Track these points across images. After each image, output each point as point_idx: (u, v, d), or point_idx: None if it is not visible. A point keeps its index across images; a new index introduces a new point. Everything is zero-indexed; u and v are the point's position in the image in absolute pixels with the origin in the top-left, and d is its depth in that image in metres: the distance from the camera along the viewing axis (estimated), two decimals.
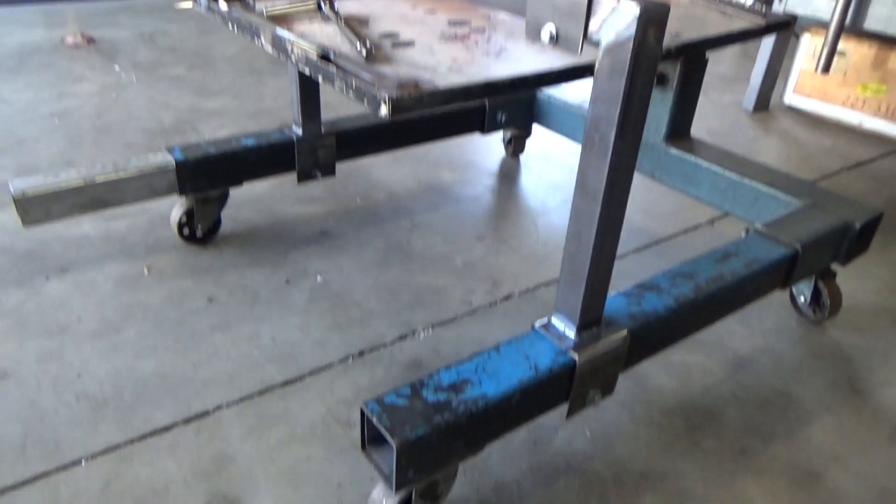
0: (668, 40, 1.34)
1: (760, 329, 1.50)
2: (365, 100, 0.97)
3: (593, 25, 0.89)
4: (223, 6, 1.34)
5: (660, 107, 1.71)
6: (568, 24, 0.90)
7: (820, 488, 1.13)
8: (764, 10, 1.53)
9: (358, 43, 1.17)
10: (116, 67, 2.88)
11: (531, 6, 0.94)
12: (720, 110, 2.83)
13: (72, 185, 1.47)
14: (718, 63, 3.45)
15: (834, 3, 2.32)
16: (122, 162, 1.55)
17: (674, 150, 1.71)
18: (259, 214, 1.85)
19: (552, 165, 2.23)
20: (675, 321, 1.15)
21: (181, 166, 1.56)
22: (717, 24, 1.49)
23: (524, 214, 1.94)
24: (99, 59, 2.98)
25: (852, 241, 1.42)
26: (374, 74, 1.05)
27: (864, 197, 2.16)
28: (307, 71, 1.12)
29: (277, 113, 2.51)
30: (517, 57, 1.21)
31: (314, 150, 1.73)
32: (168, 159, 1.56)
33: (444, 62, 1.16)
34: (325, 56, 1.11)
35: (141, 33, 3.36)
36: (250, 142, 1.67)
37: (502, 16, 1.44)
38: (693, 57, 1.61)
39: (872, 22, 2.34)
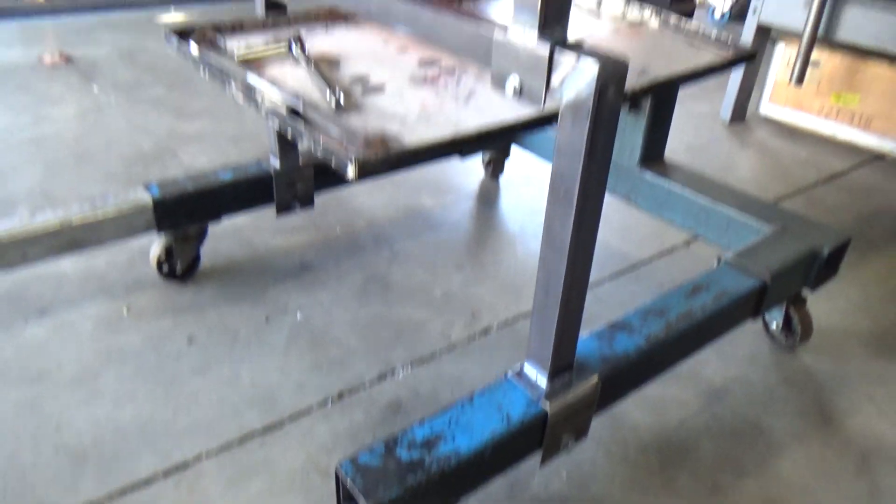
0: (635, 78, 1.35)
1: (734, 357, 1.52)
2: (333, 160, 0.99)
3: (555, 81, 0.90)
4: (194, 50, 1.34)
5: (633, 131, 1.72)
6: (531, 79, 0.91)
7: None
8: (730, 39, 1.54)
9: (328, 91, 1.18)
10: (95, 88, 2.87)
11: (496, 59, 0.95)
12: (697, 121, 2.85)
13: (48, 228, 1.47)
14: None
15: (807, 14, 2.34)
16: (100, 201, 1.54)
17: (648, 175, 1.73)
18: (239, 247, 1.86)
19: (531, 187, 2.25)
20: (646, 362, 1.17)
21: (158, 204, 1.57)
22: (684, 57, 1.51)
23: (503, 240, 1.95)
24: (77, 79, 2.96)
25: (821, 267, 1.45)
26: (342, 130, 1.07)
27: (837, 212, 2.19)
28: (277, 125, 1.13)
29: (259, 138, 2.50)
30: (486, 102, 1.23)
31: (292, 182, 1.74)
32: (145, 197, 1.56)
33: (413, 110, 1.17)
34: (293, 110, 1.12)
35: (119, 50, 3.33)
36: (227, 176, 1.67)
37: None
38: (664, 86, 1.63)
39: (844, 32, 2.37)
